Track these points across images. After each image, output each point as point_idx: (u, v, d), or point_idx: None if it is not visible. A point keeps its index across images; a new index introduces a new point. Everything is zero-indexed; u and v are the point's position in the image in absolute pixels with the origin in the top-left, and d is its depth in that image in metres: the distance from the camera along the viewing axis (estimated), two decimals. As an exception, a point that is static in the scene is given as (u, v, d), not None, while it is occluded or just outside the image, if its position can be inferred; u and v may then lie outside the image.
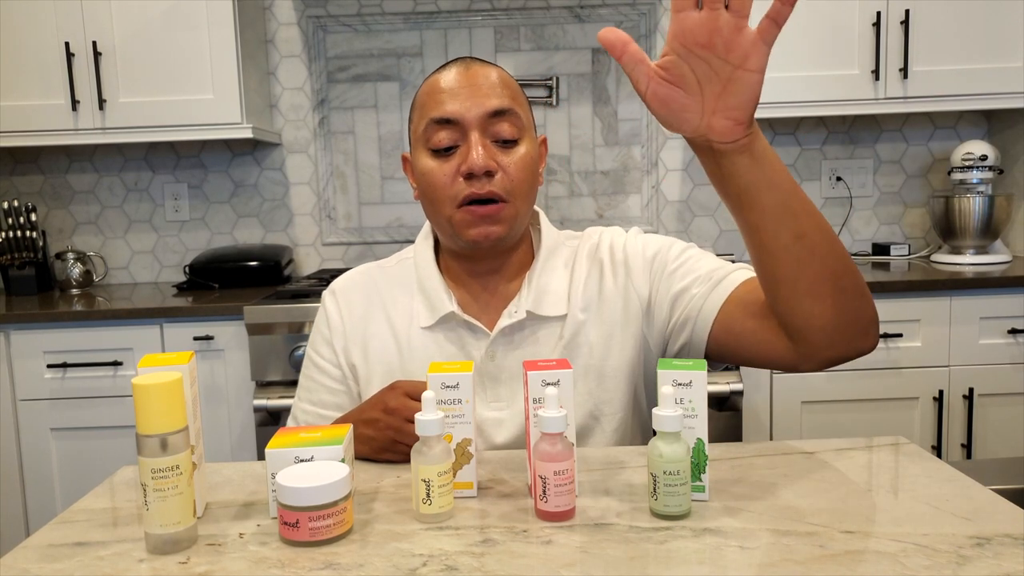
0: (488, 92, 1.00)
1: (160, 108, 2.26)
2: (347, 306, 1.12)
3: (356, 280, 1.14)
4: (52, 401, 2.08)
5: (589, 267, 1.10)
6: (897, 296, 2.06)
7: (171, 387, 0.70)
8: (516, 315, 1.05)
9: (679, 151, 2.63)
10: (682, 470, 0.74)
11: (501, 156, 1.01)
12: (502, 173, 1.00)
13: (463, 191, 1.00)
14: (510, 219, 1.02)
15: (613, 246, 1.10)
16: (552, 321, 1.06)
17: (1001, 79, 2.22)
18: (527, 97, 1.08)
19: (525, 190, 1.03)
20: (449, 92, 1.01)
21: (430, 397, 0.77)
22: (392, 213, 2.64)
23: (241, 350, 2.05)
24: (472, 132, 1.00)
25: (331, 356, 1.11)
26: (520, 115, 1.02)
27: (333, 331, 1.11)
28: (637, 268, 1.07)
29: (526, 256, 1.11)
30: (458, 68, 1.03)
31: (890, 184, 2.64)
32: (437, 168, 1.01)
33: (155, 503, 0.70)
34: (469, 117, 1.00)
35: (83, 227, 2.64)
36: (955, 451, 2.10)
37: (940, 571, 0.63)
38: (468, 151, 0.99)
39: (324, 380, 1.11)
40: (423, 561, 0.68)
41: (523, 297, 1.06)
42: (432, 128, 1.01)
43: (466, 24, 2.56)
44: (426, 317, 1.07)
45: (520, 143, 1.02)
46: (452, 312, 1.05)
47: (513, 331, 1.06)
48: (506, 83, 1.03)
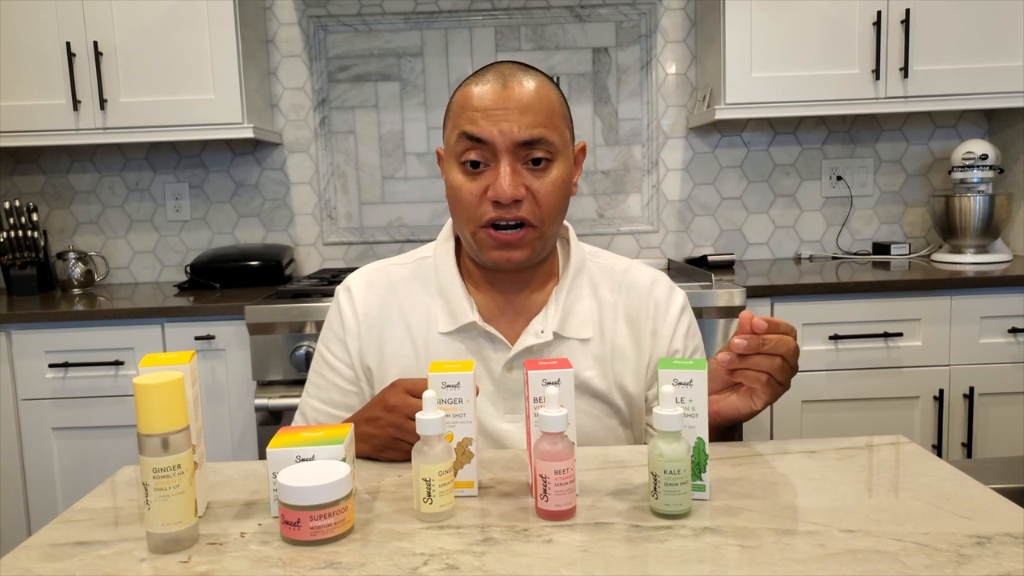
0: (521, 118, 0.97)
1: (161, 108, 2.26)
2: (363, 305, 1.09)
3: (372, 278, 1.12)
4: (54, 401, 2.08)
5: (617, 298, 1.11)
6: (897, 295, 2.06)
7: (172, 387, 0.70)
8: (543, 336, 1.04)
9: (680, 151, 2.63)
10: (683, 469, 0.74)
11: (532, 180, 0.98)
12: (530, 199, 0.98)
13: (488, 213, 0.99)
14: (533, 243, 1.01)
15: (658, 299, 1.11)
16: (577, 343, 1.06)
17: (1001, 78, 2.22)
18: (567, 105, 1.05)
19: (554, 214, 1.01)
20: (483, 111, 0.97)
21: (431, 396, 0.77)
22: (393, 213, 2.64)
23: (242, 350, 2.06)
24: (503, 157, 0.97)
25: (344, 356, 1.09)
26: (553, 140, 0.99)
27: (347, 331, 1.09)
28: (663, 336, 1.10)
29: (552, 269, 1.10)
30: (495, 82, 0.99)
31: (890, 183, 2.64)
32: (465, 185, 1.00)
33: (156, 502, 0.70)
34: (500, 142, 0.97)
35: (84, 227, 2.64)
36: (955, 450, 2.10)
37: (940, 570, 0.63)
38: (497, 177, 0.97)
39: (335, 379, 1.10)
40: (424, 560, 0.68)
41: (550, 315, 1.05)
42: (463, 142, 0.99)
43: (467, 24, 2.56)
44: (446, 323, 1.06)
45: (553, 165, 1.00)
46: (473, 322, 1.04)
47: (537, 351, 1.05)
48: (543, 101, 0.99)
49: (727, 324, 1.95)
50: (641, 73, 2.59)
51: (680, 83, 2.60)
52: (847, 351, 2.07)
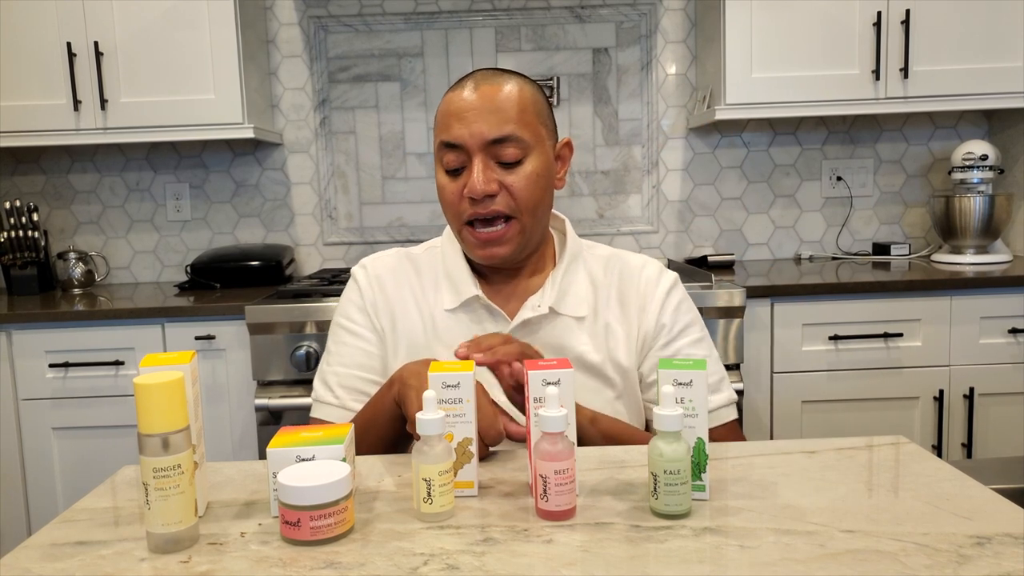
0: (489, 117, 1.03)
1: (162, 108, 2.26)
2: (378, 281, 1.16)
3: (387, 261, 1.19)
4: (54, 401, 2.08)
5: (610, 280, 1.15)
6: (897, 296, 2.06)
7: (173, 386, 0.70)
8: (539, 309, 1.10)
9: (680, 151, 2.63)
10: (682, 469, 0.74)
11: (505, 175, 1.05)
12: (505, 192, 1.05)
13: (467, 211, 1.06)
14: (516, 236, 1.07)
15: (648, 278, 1.15)
16: (573, 321, 1.11)
17: (1001, 79, 2.22)
18: (548, 102, 1.11)
19: (531, 206, 1.06)
20: (457, 116, 1.04)
21: (431, 396, 0.77)
22: (393, 213, 2.64)
23: (242, 350, 2.06)
24: (475, 156, 1.04)
25: (365, 322, 1.14)
26: (523, 137, 1.04)
27: (366, 299, 1.15)
28: (651, 312, 1.13)
29: (549, 256, 1.17)
30: (469, 88, 1.06)
31: (890, 184, 2.64)
32: (447, 185, 1.07)
33: (157, 502, 0.70)
34: (471, 143, 1.04)
35: (85, 227, 2.64)
36: (955, 451, 2.10)
37: (940, 570, 0.63)
38: (470, 175, 1.04)
39: (360, 344, 1.13)
40: (424, 560, 0.68)
41: (546, 293, 1.11)
42: (443, 149, 1.06)
43: (467, 24, 2.56)
44: (450, 300, 1.12)
45: (525, 162, 1.05)
46: (476, 296, 1.10)
47: (535, 324, 1.10)
48: (512, 100, 1.05)
49: (727, 324, 1.95)
50: (641, 73, 2.59)
51: (680, 83, 2.60)
52: (847, 351, 2.07)
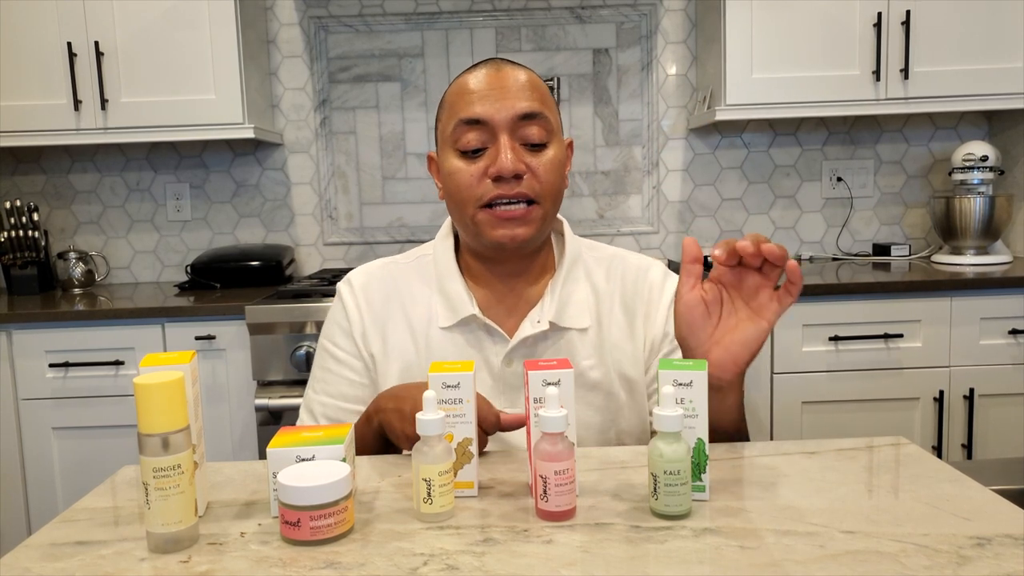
0: (518, 94, 1.00)
1: (162, 108, 2.26)
2: (365, 299, 1.10)
3: (374, 273, 1.13)
4: (54, 400, 2.08)
5: (613, 286, 1.11)
6: (898, 296, 2.06)
7: (173, 386, 0.70)
8: (539, 325, 1.05)
9: (680, 151, 2.63)
10: (682, 470, 0.74)
11: (530, 158, 1.01)
12: (531, 175, 1.00)
13: (489, 192, 1.00)
14: (538, 221, 1.02)
15: (652, 283, 1.12)
16: (575, 333, 1.07)
17: (1002, 80, 2.22)
18: (555, 100, 1.09)
19: (554, 193, 1.03)
20: (479, 93, 1.00)
21: (431, 396, 0.77)
22: (393, 213, 2.64)
23: (242, 350, 2.06)
24: (502, 134, 1.00)
25: (351, 348, 1.09)
26: (549, 118, 1.02)
27: (352, 323, 1.10)
28: (656, 320, 1.11)
29: (548, 262, 1.12)
30: (488, 69, 1.03)
31: (891, 184, 2.64)
32: (464, 168, 1.01)
33: (156, 502, 0.70)
34: (498, 119, 0.99)
35: (85, 227, 2.64)
36: (955, 451, 2.10)
37: (940, 571, 0.63)
38: (497, 153, 0.99)
39: (344, 372, 1.09)
40: (424, 560, 0.68)
41: (546, 306, 1.06)
42: (461, 129, 1.01)
43: (467, 25, 2.56)
44: (446, 317, 1.07)
45: (549, 146, 1.02)
46: (473, 315, 1.05)
47: (535, 341, 1.06)
48: (535, 86, 1.03)
49: (727, 325, 1.95)
50: (641, 74, 2.59)
51: (680, 84, 2.60)
52: (847, 352, 2.07)
